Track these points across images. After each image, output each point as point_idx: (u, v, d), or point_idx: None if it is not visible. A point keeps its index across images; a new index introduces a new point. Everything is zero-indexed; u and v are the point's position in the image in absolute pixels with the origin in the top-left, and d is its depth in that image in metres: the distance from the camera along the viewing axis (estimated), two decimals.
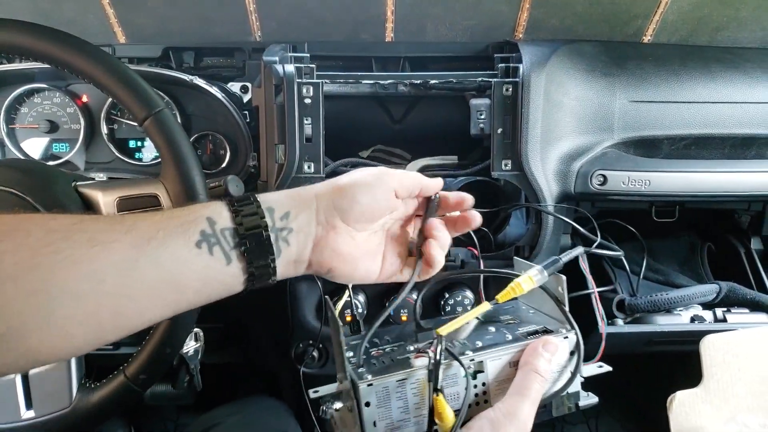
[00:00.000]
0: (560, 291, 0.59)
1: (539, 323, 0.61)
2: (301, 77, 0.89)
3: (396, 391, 0.52)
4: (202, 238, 0.45)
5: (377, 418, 0.52)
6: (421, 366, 0.53)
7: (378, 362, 0.56)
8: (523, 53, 0.92)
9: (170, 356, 0.74)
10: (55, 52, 0.70)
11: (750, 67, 0.99)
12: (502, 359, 0.55)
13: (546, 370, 0.54)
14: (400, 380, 0.52)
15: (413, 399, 0.53)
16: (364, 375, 0.53)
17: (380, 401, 0.52)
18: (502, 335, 0.59)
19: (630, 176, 0.93)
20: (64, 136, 1.03)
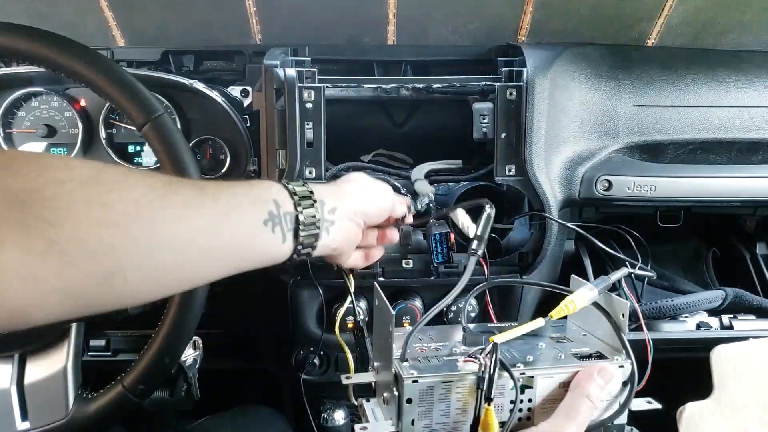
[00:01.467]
0: (621, 318, 0.58)
1: (592, 346, 0.59)
2: (303, 81, 0.88)
3: (440, 393, 0.51)
4: (269, 217, 0.53)
5: (416, 416, 0.51)
6: (470, 371, 0.52)
7: (423, 359, 0.55)
8: (527, 57, 0.91)
9: (169, 366, 0.73)
10: (53, 55, 0.70)
11: (756, 70, 0.98)
12: (553, 378, 0.54)
13: (598, 397, 0.53)
14: (447, 382, 0.51)
15: (456, 404, 0.52)
16: (410, 370, 0.51)
17: (422, 400, 0.51)
18: (553, 353, 0.58)
19: (635, 181, 0.92)
20: (62, 141, 1.02)
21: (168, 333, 0.70)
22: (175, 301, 0.70)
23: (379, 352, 0.58)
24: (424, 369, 0.52)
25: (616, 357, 0.57)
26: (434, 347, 0.58)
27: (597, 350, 0.58)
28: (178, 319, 0.71)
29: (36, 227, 0.37)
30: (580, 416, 0.51)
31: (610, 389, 0.55)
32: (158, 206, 0.44)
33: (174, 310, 0.71)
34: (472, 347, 0.57)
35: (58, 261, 0.38)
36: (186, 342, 0.74)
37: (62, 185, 0.39)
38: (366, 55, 1.03)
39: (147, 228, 0.43)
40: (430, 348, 0.58)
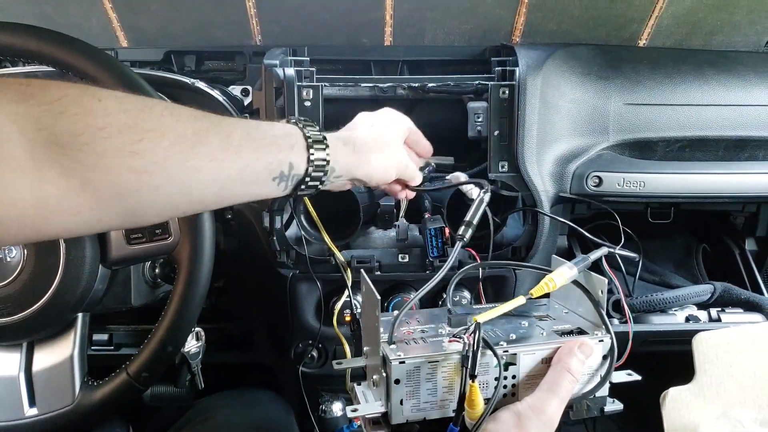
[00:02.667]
0: (600, 294, 0.59)
1: (573, 323, 0.61)
2: (301, 80, 0.91)
3: (427, 373, 0.53)
4: (279, 176, 0.58)
5: (404, 396, 0.53)
6: (455, 351, 0.53)
7: (410, 342, 0.57)
8: (520, 57, 0.94)
9: (172, 354, 0.75)
10: (60, 55, 0.72)
11: (743, 70, 1.00)
12: (535, 354, 0.56)
13: (579, 371, 0.54)
14: (432, 362, 0.53)
15: (443, 382, 0.53)
16: (396, 352, 0.53)
17: (410, 380, 0.52)
18: (536, 330, 0.59)
19: (625, 178, 0.94)
20: None
21: (171, 322, 0.73)
22: (178, 291, 0.73)
23: (367, 337, 0.60)
24: (411, 350, 0.54)
25: (596, 332, 0.58)
26: (420, 330, 0.60)
27: (578, 327, 0.60)
28: (181, 309, 0.73)
29: (73, 168, 0.42)
30: (562, 390, 0.53)
31: (591, 363, 0.57)
32: (185, 157, 0.48)
33: (176, 301, 0.73)
34: (456, 328, 0.59)
35: (91, 198, 0.44)
36: (188, 331, 0.76)
37: (100, 131, 0.43)
38: (363, 55, 1.06)
39: (172, 177, 0.48)
40: (416, 331, 0.60)
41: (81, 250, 0.72)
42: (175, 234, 0.74)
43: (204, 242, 0.74)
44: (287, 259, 0.96)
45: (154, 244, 0.75)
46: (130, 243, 0.75)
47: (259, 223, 0.95)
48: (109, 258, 0.75)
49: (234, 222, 1.03)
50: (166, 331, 0.73)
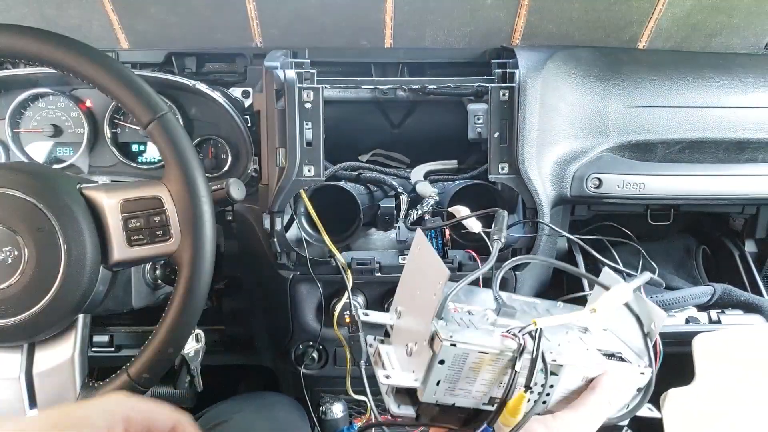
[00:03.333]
0: (653, 327, 0.57)
1: (615, 346, 0.58)
2: (302, 82, 0.91)
3: (473, 362, 0.50)
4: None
5: (443, 378, 0.50)
6: (509, 348, 0.50)
7: (458, 320, 0.53)
8: (520, 59, 0.94)
9: (173, 356, 0.75)
10: (61, 57, 0.72)
11: (742, 72, 1.00)
12: (579, 371, 0.53)
13: (617, 404, 0.53)
14: (482, 353, 0.50)
15: (484, 375, 0.51)
16: (447, 331, 0.49)
17: (454, 364, 0.49)
18: (580, 345, 0.57)
19: (625, 179, 0.94)
20: (68, 140, 1.05)
21: (171, 324, 0.73)
22: (179, 293, 0.73)
23: (409, 300, 0.56)
24: (461, 333, 0.50)
25: (638, 363, 0.56)
26: (467, 310, 0.56)
27: (620, 351, 0.57)
28: (181, 311, 0.73)
29: None
30: (597, 416, 0.51)
31: (628, 394, 0.55)
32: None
33: (177, 303, 0.73)
34: (504, 318, 0.55)
35: None
36: (189, 333, 0.76)
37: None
38: (364, 57, 1.06)
39: None
40: (463, 309, 0.56)
41: (82, 252, 0.72)
42: (176, 236, 0.74)
43: (205, 244, 0.74)
44: (288, 260, 0.96)
45: (155, 245, 0.75)
46: (131, 245, 0.75)
47: (259, 224, 0.95)
48: (110, 260, 0.75)
49: (234, 224, 1.03)
50: (166, 333, 0.73)
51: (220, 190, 0.81)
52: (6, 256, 0.72)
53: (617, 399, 0.53)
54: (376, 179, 1.01)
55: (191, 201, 0.73)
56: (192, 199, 0.73)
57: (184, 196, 0.73)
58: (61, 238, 0.71)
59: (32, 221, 0.72)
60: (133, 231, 0.75)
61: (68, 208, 0.72)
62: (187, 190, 0.73)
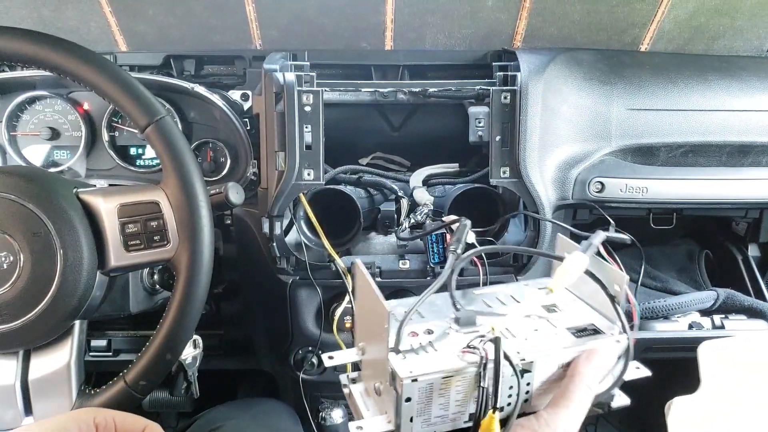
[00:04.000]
0: (617, 289, 0.54)
1: (584, 317, 0.56)
2: (301, 85, 0.90)
3: (440, 388, 0.49)
4: None
5: (415, 414, 0.49)
6: (471, 363, 0.49)
7: (418, 348, 0.51)
8: (521, 61, 0.93)
9: (170, 362, 0.74)
10: (57, 60, 0.71)
11: (746, 75, 1.00)
12: (552, 360, 0.52)
13: (596, 383, 0.51)
14: (446, 377, 0.48)
15: (456, 396, 0.49)
16: (407, 368, 0.48)
17: (422, 397, 0.48)
18: (548, 329, 0.55)
19: (628, 183, 0.93)
20: (66, 144, 1.04)
21: (169, 330, 0.72)
22: (177, 299, 0.72)
23: (365, 335, 0.55)
24: (421, 362, 0.49)
25: (612, 331, 0.54)
26: (425, 329, 0.55)
27: (592, 323, 0.55)
28: (179, 317, 0.72)
29: None
30: (580, 404, 0.50)
31: (607, 365, 0.53)
32: None
33: (175, 308, 0.72)
34: (465, 327, 0.54)
35: None
36: (187, 339, 0.75)
37: None
38: (364, 59, 1.05)
39: None
40: (422, 330, 0.55)
41: (78, 257, 0.71)
42: (174, 240, 0.73)
43: (203, 249, 0.73)
44: (287, 265, 0.95)
45: (153, 251, 0.74)
46: (129, 250, 0.74)
47: (258, 228, 0.95)
48: (107, 265, 0.74)
49: (234, 228, 1.02)
50: (164, 339, 0.72)
51: (218, 195, 0.80)
52: (1, 261, 0.71)
53: (595, 381, 0.51)
54: (376, 183, 1.00)
55: (189, 206, 0.72)
56: (190, 203, 0.72)
57: (182, 201, 0.72)
58: (58, 243, 0.70)
59: (28, 226, 0.71)
60: (130, 236, 0.74)
61: (65, 212, 0.71)
62: (184, 194, 0.72)
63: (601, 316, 0.57)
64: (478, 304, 0.59)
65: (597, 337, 0.54)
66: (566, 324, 0.56)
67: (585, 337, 0.54)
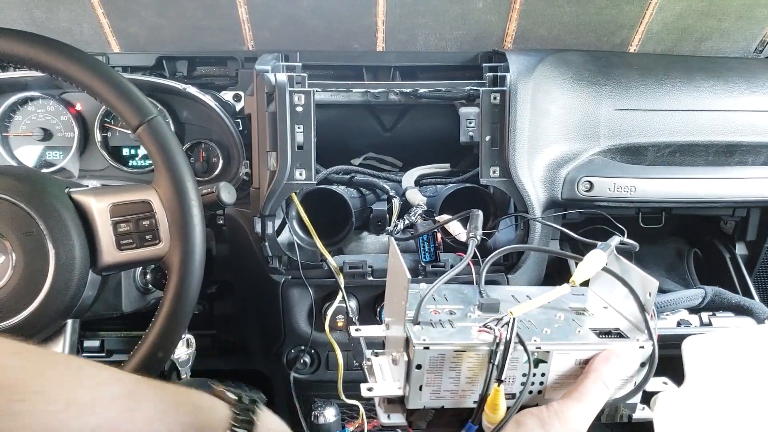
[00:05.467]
0: (647, 297, 0.54)
1: (611, 322, 0.57)
2: (293, 86, 0.91)
3: (451, 361, 0.49)
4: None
5: (425, 382, 0.50)
6: (484, 342, 0.49)
7: (436, 324, 0.52)
8: (511, 62, 0.94)
9: (162, 361, 0.74)
10: (50, 60, 0.72)
11: (732, 76, 1.01)
12: (570, 355, 0.52)
13: (613, 382, 0.51)
14: (458, 351, 0.49)
15: (466, 373, 0.50)
16: (421, 336, 0.49)
17: (432, 367, 0.49)
18: (572, 326, 0.55)
19: (616, 182, 0.94)
20: (58, 144, 1.04)
21: (161, 328, 0.72)
22: (169, 296, 0.72)
23: (391, 308, 0.56)
24: (437, 335, 0.50)
25: (637, 337, 0.54)
26: (448, 310, 0.56)
27: (617, 327, 0.55)
28: (171, 315, 0.72)
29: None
30: (593, 401, 0.50)
31: (628, 370, 0.54)
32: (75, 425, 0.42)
33: (167, 306, 0.72)
34: (487, 313, 0.55)
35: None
36: (179, 337, 0.75)
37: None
38: (356, 61, 1.06)
39: None
40: (444, 311, 0.56)
41: (71, 256, 0.72)
42: (166, 239, 0.74)
43: (194, 247, 0.73)
44: (279, 264, 0.96)
45: (145, 249, 0.74)
46: (121, 249, 0.74)
47: (250, 228, 0.95)
48: (99, 264, 0.74)
49: (226, 228, 1.03)
50: (156, 337, 0.72)
51: (210, 194, 0.81)
52: None
53: (614, 379, 0.51)
54: (368, 183, 1.00)
55: (180, 205, 0.73)
56: (181, 203, 0.73)
57: (174, 200, 0.73)
58: (50, 243, 0.71)
59: (20, 225, 0.71)
60: (122, 235, 0.74)
61: (57, 212, 0.72)
62: (176, 194, 0.73)
63: (629, 323, 0.57)
64: (506, 298, 0.59)
65: (620, 340, 0.54)
66: (591, 325, 0.56)
67: (608, 339, 0.54)
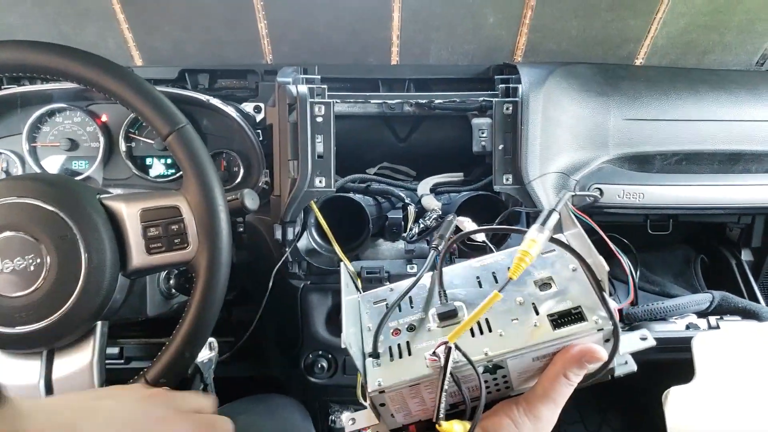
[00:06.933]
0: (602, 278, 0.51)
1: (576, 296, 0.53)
2: (314, 97, 0.94)
3: (411, 392, 0.52)
4: None
5: (394, 411, 0.53)
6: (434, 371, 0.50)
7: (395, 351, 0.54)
8: (522, 74, 0.98)
9: (189, 361, 0.77)
10: (85, 72, 0.75)
11: (735, 87, 1.04)
12: (525, 356, 0.51)
13: (577, 378, 0.51)
14: (413, 385, 0.51)
15: (429, 395, 0.52)
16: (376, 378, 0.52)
17: (394, 401, 0.52)
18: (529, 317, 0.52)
19: (625, 189, 0.97)
20: (83, 154, 1.07)
21: (189, 329, 0.74)
22: (196, 299, 0.74)
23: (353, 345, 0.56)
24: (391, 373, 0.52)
25: (596, 317, 0.51)
26: (408, 323, 0.56)
27: (580, 304, 0.52)
28: (199, 316, 0.75)
29: None
30: (558, 396, 0.51)
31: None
32: None
33: (195, 307, 0.75)
34: (445, 321, 0.55)
35: None
36: (205, 338, 0.78)
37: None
38: (371, 74, 1.09)
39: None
40: (405, 325, 0.56)
41: (102, 260, 0.74)
42: (194, 243, 0.76)
43: (221, 251, 0.76)
44: (299, 269, 0.98)
45: (173, 253, 0.77)
46: (150, 252, 0.77)
47: (270, 235, 0.98)
48: (129, 267, 0.77)
49: (245, 235, 1.05)
50: (183, 337, 0.74)
51: (234, 201, 0.84)
52: (28, 263, 0.74)
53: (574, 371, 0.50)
54: (384, 191, 1.03)
55: (209, 210, 0.76)
56: (209, 208, 0.76)
57: (202, 206, 0.76)
58: (82, 246, 0.73)
59: (55, 229, 0.73)
60: (151, 239, 0.77)
61: (90, 216, 0.74)
62: (204, 199, 0.76)
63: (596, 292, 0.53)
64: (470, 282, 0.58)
65: (579, 326, 0.51)
66: (551, 307, 0.53)
67: (565, 327, 0.51)
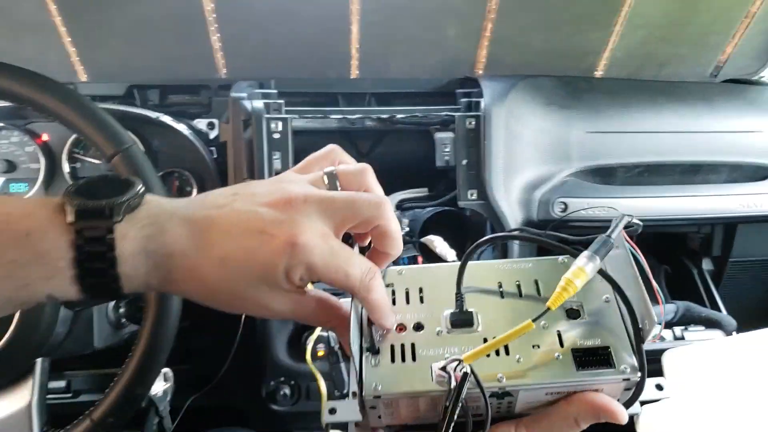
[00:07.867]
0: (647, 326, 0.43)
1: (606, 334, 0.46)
2: (270, 112, 0.90)
3: (408, 402, 0.46)
4: None
5: (383, 414, 0.47)
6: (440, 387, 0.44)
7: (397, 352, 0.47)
8: (484, 88, 0.97)
9: (141, 397, 0.72)
10: (20, 89, 0.70)
11: (692, 99, 1.06)
12: (539, 390, 0.46)
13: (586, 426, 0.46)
14: (412, 396, 0.46)
15: (424, 406, 0.47)
16: (373, 380, 0.46)
17: (387, 406, 0.46)
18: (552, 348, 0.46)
19: (589, 203, 0.97)
20: (23, 176, 1.00)
21: (139, 362, 0.69)
22: (146, 330, 0.70)
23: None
24: (391, 377, 0.46)
25: (624, 365, 0.44)
26: (416, 322, 0.49)
27: (609, 345, 0.45)
28: (150, 348, 0.70)
29: None
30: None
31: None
32: None
33: (145, 339, 0.70)
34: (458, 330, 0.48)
35: None
36: (158, 371, 0.73)
37: None
38: (331, 87, 1.06)
39: None
40: (412, 322, 0.49)
41: None
42: None
43: None
44: None
45: None
46: None
47: None
48: None
49: None
50: (134, 372, 0.69)
51: None
52: None
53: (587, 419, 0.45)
54: None
55: None
56: None
57: None
58: None
59: None
60: None
61: None
62: None
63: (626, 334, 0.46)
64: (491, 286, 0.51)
65: (605, 372, 0.44)
66: (577, 340, 0.47)
67: (590, 369, 0.45)
